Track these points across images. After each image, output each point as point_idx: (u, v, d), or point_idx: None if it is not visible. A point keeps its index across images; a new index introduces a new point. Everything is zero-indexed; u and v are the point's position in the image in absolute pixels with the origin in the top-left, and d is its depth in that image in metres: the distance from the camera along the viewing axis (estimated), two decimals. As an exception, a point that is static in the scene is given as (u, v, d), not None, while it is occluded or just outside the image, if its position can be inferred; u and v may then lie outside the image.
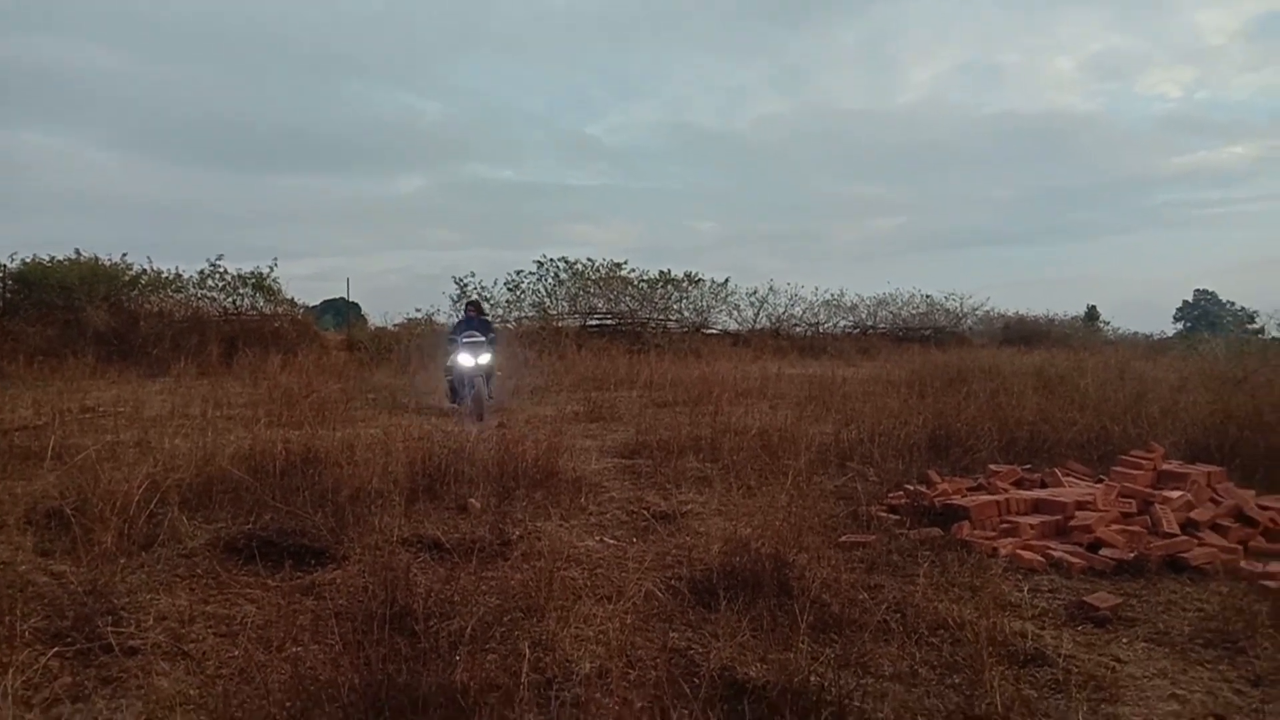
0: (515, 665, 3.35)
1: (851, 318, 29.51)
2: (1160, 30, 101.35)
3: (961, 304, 31.28)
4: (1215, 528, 5.78)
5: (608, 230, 79.16)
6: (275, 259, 22.20)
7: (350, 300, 29.74)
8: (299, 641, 3.66)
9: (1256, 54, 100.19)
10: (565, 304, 25.01)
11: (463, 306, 14.29)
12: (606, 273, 25.55)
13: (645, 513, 6.11)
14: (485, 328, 12.33)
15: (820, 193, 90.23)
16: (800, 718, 3.01)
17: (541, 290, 24.97)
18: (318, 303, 29.22)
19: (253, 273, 21.58)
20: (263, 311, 21.56)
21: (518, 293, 24.58)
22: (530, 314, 24.27)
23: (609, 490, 6.92)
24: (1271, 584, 4.76)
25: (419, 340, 20.12)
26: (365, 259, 71.89)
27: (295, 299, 22.45)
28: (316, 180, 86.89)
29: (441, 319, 23.72)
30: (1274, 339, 19.64)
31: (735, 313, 27.24)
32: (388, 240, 77.26)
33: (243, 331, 19.80)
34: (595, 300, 25.21)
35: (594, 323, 25.01)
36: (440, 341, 13.51)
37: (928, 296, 30.66)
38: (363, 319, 26.95)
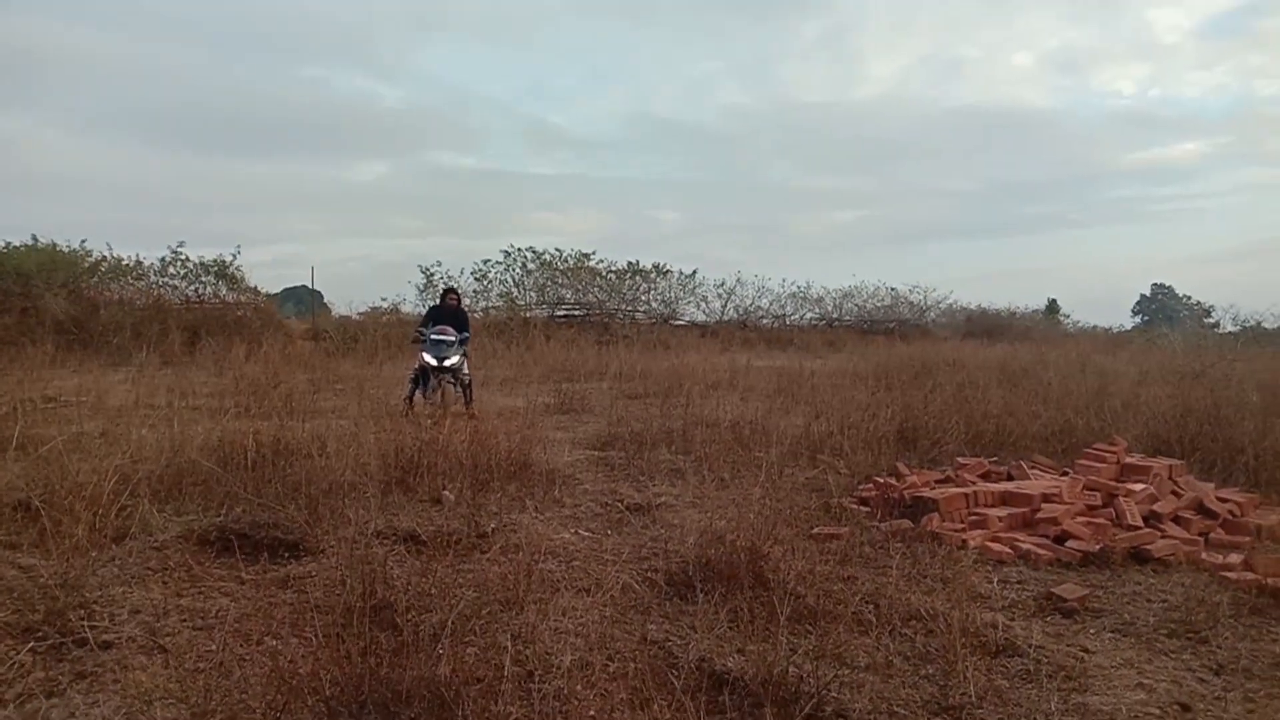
0: (496, 658, 3.37)
1: (818, 310, 29.69)
2: (1114, 27, 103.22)
3: (925, 297, 31.62)
4: (1177, 520, 5.93)
5: (572, 219, 79.13)
6: (239, 246, 21.98)
7: (313, 288, 29.39)
8: (277, 635, 3.64)
9: (1207, 53, 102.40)
10: (533, 294, 24.95)
11: (439, 294, 12.14)
12: (575, 263, 25.49)
13: (619, 505, 6.14)
14: (460, 321, 11.01)
15: (783, 184, 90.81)
16: (780, 708, 3.05)
17: (509, 280, 24.90)
18: (279, 290, 28.88)
19: (215, 260, 21.33)
20: (225, 300, 21.30)
21: (485, 282, 24.50)
22: (498, 304, 24.17)
23: (582, 482, 6.94)
24: (1231, 575, 4.90)
25: (386, 330, 19.96)
26: (325, 246, 71.24)
27: (258, 287, 22.21)
28: (274, 165, 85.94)
29: (408, 308, 23.55)
30: (1229, 333, 20.07)
31: (703, 304, 27.33)
32: (348, 227, 76.53)
33: (205, 320, 19.52)
34: (563, 291, 25.17)
35: (562, 313, 24.95)
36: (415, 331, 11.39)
37: (892, 289, 30.95)
38: (326, 308, 26.69)
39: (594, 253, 25.86)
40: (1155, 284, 60.27)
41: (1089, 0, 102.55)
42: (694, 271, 26.86)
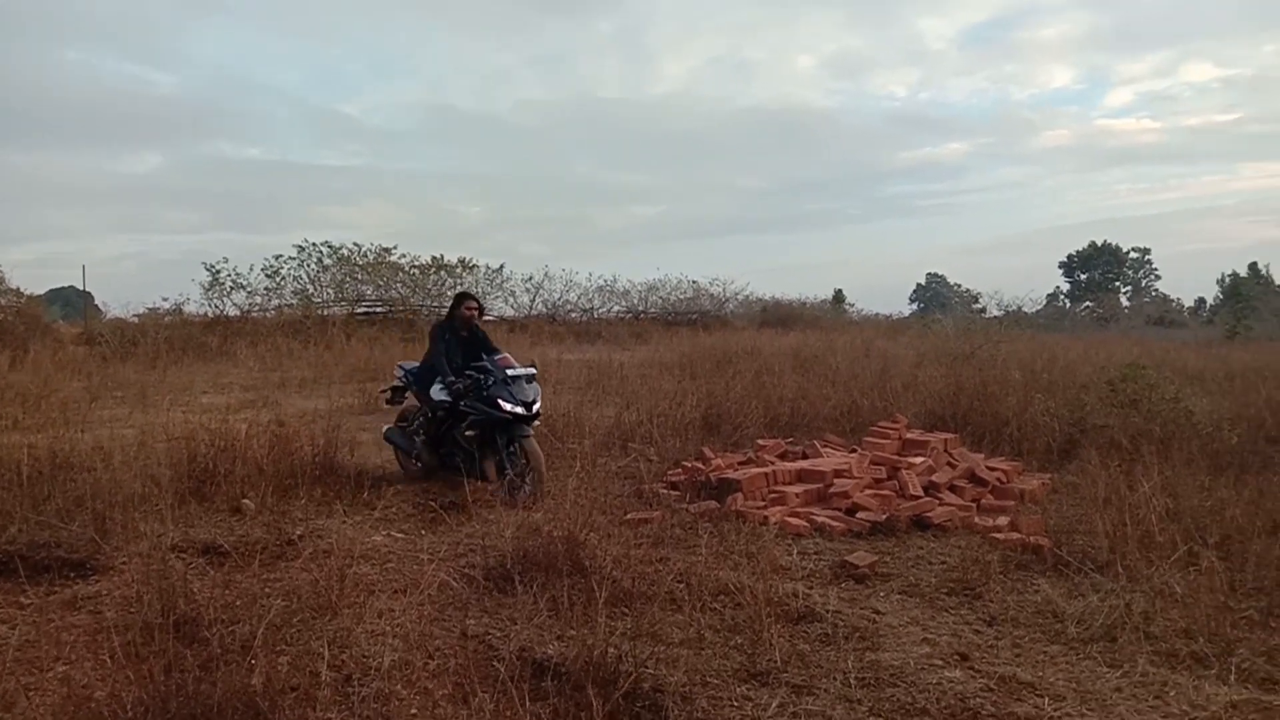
0: (312, 665, 3.29)
1: (624, 303, 30.13)
2: (886, 33, 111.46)
3: (724, 289, 32.72)
4: (953, 488, 6.53)
5: (368, 213, 76.73)
6: (-6, 244, 19.86)
7: (83, 289, 26.98)
8: (68, 660, 3.39)
9: (969, 60, 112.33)
10: (331, 291, 23.88)
11: (452, 302, 7.44)
12: (375, 258, 24.64)
13: (433, 504, 6.07)
14: (487, 343, 7.31)
15: (583, 179, 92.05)
16: (601, 689, 3.15)
17: (304, 277, 23.69)
18: (44, 292, 26.29)
19: (-34, 260, 19.17)
20: (-16, 303, 19.16)
21: (278, 279, 23.20)
22: (292, 302, 23.00)
23: (393, 483, 6.81)
24: (1000, 536, 5.47)
25: (168, 332, 18.62)
26: (94, 243, 65.73)
27: (20, 288, 20.12)
28: (33, 155, 78.22)
29: (192, 308, 22.01)
30: (994, 318, 22.05)
31: (511, 299, 27.14)
32: (120, 223, 70.92)
33: (-41, 326, 17.52)
34: (364, 287, 24.25)
35: (363, 310, 24.07)
36: (431, 361, 7.11)
37: (694, 282, 31.82)
38: (97, 310, 24.55)
39: (395, 247, 25.10)
40: (929, 274, 65.71)
41: (863, 7, 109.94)
42: (501, 266, 26.62)
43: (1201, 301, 53.07)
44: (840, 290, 40.70)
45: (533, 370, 6.87)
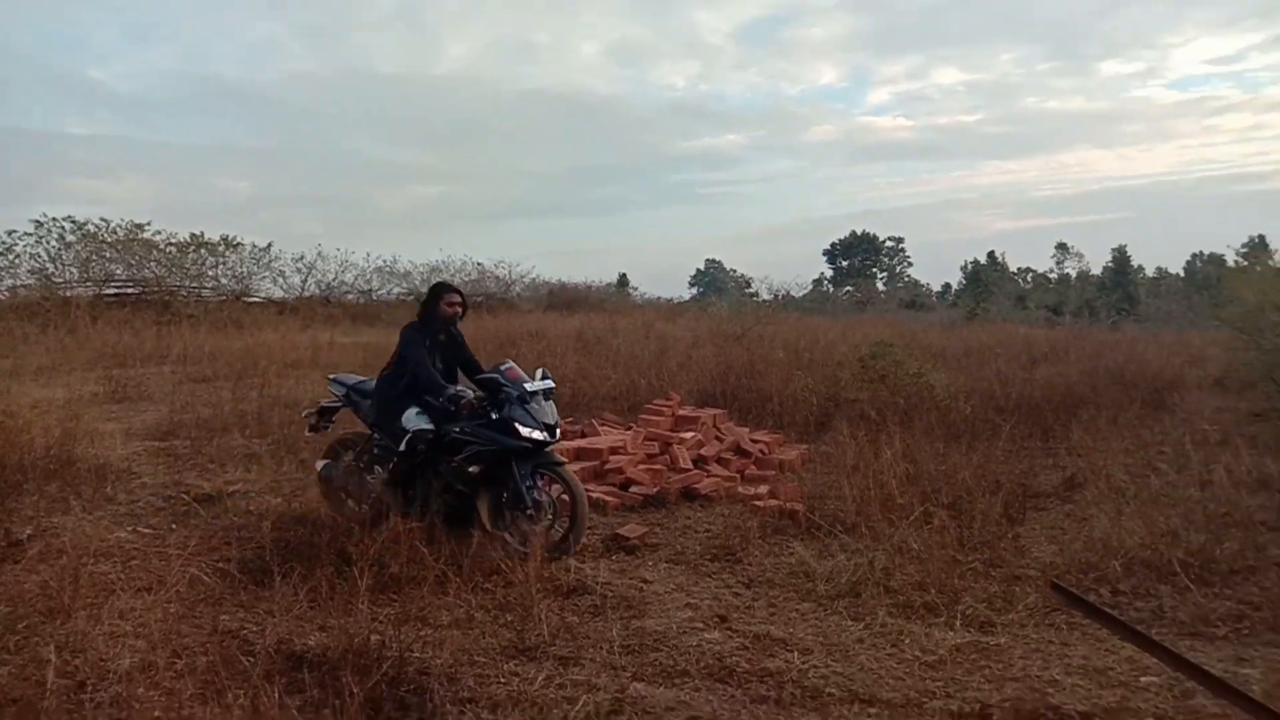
0: (38, 673, 3.01)
1: (405, 284, 29.29)
2: (667, 25, 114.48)
3: (510, 272, 32.52)
4: (720, 460, 6.85)
5: (119, 187, 70.25)
6: None
7: None
8: None
9: (743, 55, 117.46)
10: (75, 270, 21.67)
11: (427, 296, 5.69)
12: (126, 235, 22.55)
13: (186, 497, 5.68)
14: (468, 355, 5.60)
15: (361, 157, 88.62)
16: (361, 676, 3.08)
17: (43, 254, 21.38)
18: None
19: None
20: None
21: (11, 257, 20.83)
22: (29, 283, 20.72)
23: (140, 476, 6.31)
24: (760, 504, 5.80)
25: None
26: None
27: None
28: None
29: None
30: (765, 301, 23.26)
31: (281, 280, 25.65)
32: None
33: None
34: (113, 266, 22.16)
35: (112, 292, 22.02)
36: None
37: (479, 264, 31.40)
38: None
39: (149, 223, 23.10)
40: (708, 259, 68.21)
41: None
42: (269, 245, 25.08)
43: (948, 286, 58.24)
44: (624, 274, 41.56)
45: (550, 384, 5.33)
